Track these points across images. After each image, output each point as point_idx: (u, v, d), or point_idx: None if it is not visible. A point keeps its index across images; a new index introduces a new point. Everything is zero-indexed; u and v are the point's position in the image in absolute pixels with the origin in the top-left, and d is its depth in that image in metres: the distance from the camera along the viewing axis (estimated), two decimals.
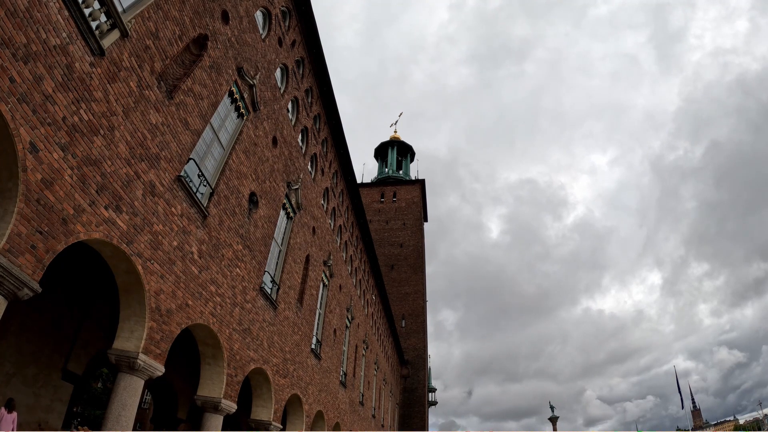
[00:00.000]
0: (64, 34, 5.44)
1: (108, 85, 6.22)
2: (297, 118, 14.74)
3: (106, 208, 6.24)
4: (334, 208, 19.96)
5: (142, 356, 7.15)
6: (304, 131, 15.71)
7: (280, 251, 13.72)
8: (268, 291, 12.40)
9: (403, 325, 51.56)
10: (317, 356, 17.16)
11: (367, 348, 28.05)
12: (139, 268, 6.98)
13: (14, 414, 7.88)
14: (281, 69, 13.35)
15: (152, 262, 7.31)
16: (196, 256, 8.68)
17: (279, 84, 13.10)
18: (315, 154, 16.81)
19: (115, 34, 6.36)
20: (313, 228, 16.58)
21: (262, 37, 11.70)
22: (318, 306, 17.81)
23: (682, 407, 61.75)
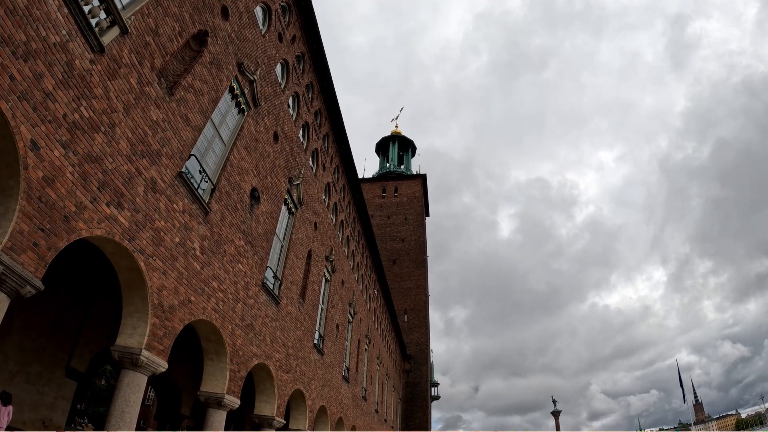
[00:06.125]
0: (64, 32, 5.42)
1: (108, 82, 6.20)
2: (298, 113, 14.71)
3: (107, 205, 6.24)
4: (335, 203, 19.95)
5: (145, 352, 7.17)
6: (305, 126, 15.68)
7: (281, 247, 13.73)
8: (270, 286, 12.42)
9: (406, 320, 51.67)
10: (320, 351, 17.20)
11: (369, 343, 28.11)
12: (142, 264, 6.99)
13: (9, 407, 7.92)
14: (281, 64, 13.31)
15: (154, 258, 7.31)
16: (198, 252, 8.69)
17: (279, 79, 13.06)
18: (316, 149, 16.79)
19: (115, 31, 6.34)
20: (315, 223, 16.58)
21: (262, 32, 11.65)
22: (320, 301, 17.84)
23: (684, 401, 61.63)
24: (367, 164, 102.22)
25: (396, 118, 70.64)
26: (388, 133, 68.47)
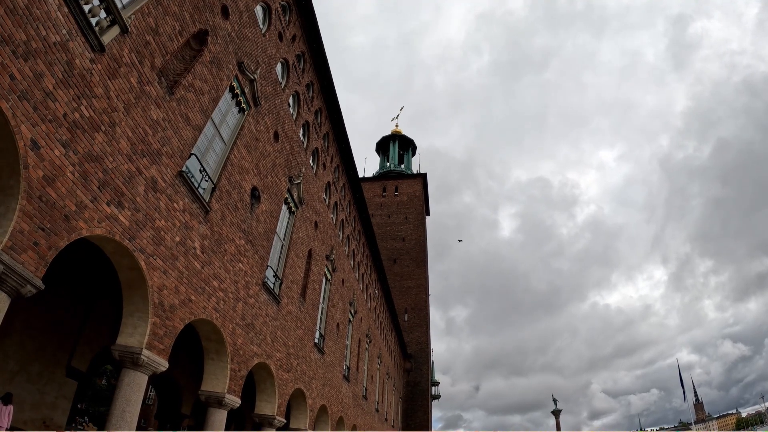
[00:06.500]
0: (64, 31, 5.42)
1: (108, 81, 6.20)
2: (298, 112, 14.70)
3: (108, 204, 6.24)
4: (336, 202, 19.94)
5: (145, 352, 7.17)
6: (306, 126, 15.68)
7: (282, 246, 13.73)
8: (271, 286, 12.42)
9: (406, 319, 51.67)
10: (320, 350, 17.20)
11: (370, 342, 28.12)
12: (142, 263, 6.99)
13: (10, 407, 7.93)
14: (282, 64, 13.30)
15: (155, 257, 7.31)
16: (198, 252, 8.69)
17: (280, 79, 13.06)
18: (317, 148, 16.78)
19: (115, 30, 6.33)
20: (316, 222, 16.58)
21: (263, 31, 11.65)
22: (321, 300, 17.84)
23: (685, 400, 61.59)
24: (367, 163, 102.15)
25: (396, 118, 70.48)
26: (389, 133, 68.41)
